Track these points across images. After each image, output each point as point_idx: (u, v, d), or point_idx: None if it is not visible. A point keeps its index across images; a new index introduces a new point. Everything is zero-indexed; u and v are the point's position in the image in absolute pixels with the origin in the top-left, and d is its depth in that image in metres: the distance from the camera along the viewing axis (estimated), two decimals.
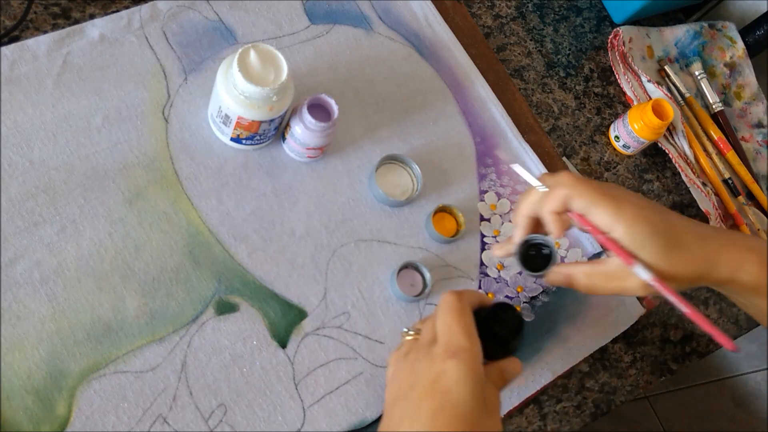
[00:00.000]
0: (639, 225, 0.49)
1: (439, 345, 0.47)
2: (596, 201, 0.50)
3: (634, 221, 0.49)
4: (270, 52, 0.57)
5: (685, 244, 0.50)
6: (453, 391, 0.44)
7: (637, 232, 0.49)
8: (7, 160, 0.56)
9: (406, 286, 0.63)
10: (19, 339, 0.52)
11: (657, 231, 0.49)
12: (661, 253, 0.49)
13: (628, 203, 0.50)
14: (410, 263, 0.63)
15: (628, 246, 0.49)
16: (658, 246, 0.49)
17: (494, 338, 0.49)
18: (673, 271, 0.49)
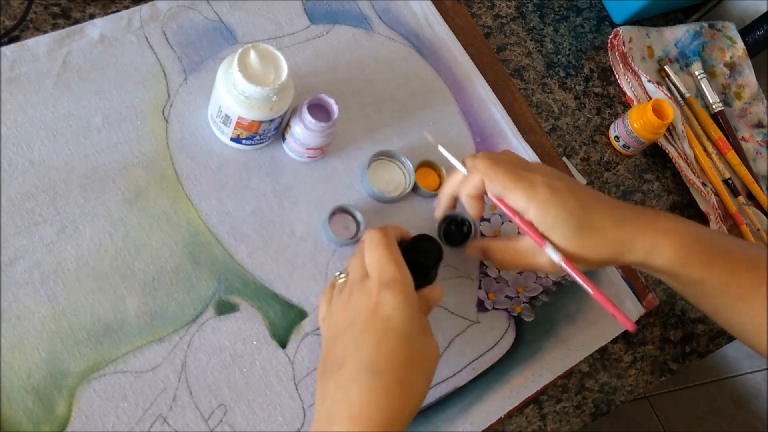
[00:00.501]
0: (552, 207, 0.51)
1: (372, 278, 0.49)
2: (510, 185, 0.52)
3: (547, 204, 0.51)
4: (270, 52, 0.57)
5: (597, 227, 0.52)
6: (393, 318, 0.47)
7: (550, 215, 0.51)
8: (7, 160, 0.56)
9: (339, 230, 0.63)
10: (19, 339, 0.52)
11: (570, 214, 0.51)
12: (572, 236, 0.51)
13: (542, 186, 0.52)
14: (341, 207, 0.64)
15: (540, 227, 0.52)
16: (568, 229, 0.51)
17: (416, 268, 0.52)
18: (583, 253, 0.52)
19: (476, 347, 0.64)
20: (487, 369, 0.64)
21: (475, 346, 0.64)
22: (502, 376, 0.64)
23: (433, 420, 0.60)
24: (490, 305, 0.66)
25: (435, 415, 0.60)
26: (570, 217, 0.51)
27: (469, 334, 0.64)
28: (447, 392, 0.61)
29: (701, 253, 0.52)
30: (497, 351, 0.65)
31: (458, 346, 0.63)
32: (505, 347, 0.65)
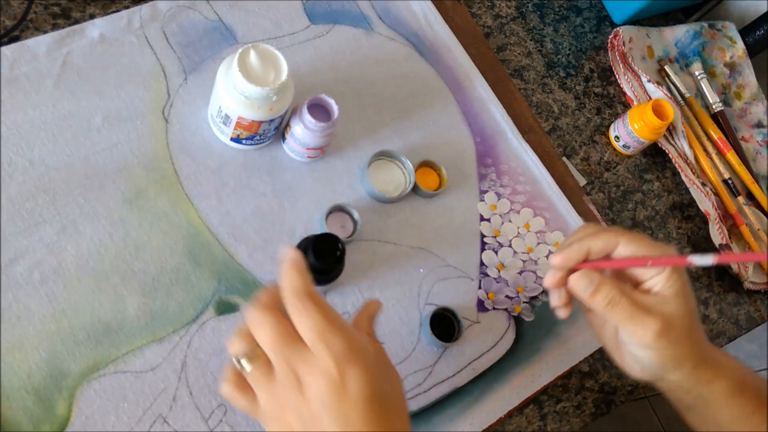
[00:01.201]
0: (688, 296, 0.50)
1: (322, 357, 0.41)
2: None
3: (687, 291, 0.50)
4: (270, 52, 0.57)
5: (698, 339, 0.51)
6: (364, 389, 0.41)
7: (684, 297, 0.49)
8: (7, 160, 0.56)
9: (336, 229, 0.63)
10: (19, 339, 0.52)
11: (693, 314, 0.50)
12: (684, 331, 0.49)
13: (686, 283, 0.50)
14: (338, 205, 0.64)
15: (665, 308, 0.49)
16: (682, 325, 0.49)
17: (317, 269, 0.54)
18: (669, 350, 0.49)
19: (476, 347, 0.64)
20: (487, 369, 0.64)
21: (475, 346, 0.64)
22: (502, 376, 0.64)
23: (433, 420, 0.60)
24: (490, 305, 0.66)
25: (435, 415, 0.60)
26: (692, 298, 0.50)
27: (469, 334, 0.64)
28: (447, 392, 0.61)
29: (753, 385, 0.53)
30: (497, 351, 0.65)
31: (458, 346, 0.63)
32: (505, 347, 0.65)
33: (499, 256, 0.69)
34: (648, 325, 0.48)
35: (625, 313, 0.48)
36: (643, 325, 0.48)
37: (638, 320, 0.48)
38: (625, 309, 0.48)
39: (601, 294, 0.49)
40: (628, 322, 0.48)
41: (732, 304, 0.82)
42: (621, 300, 0.48)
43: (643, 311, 0.48)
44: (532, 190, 0.73)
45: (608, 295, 0.48)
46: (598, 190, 0.80)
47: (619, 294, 0.48)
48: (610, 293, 0.48)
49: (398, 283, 0.64)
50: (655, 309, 0.48)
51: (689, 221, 0.84)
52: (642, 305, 0.48)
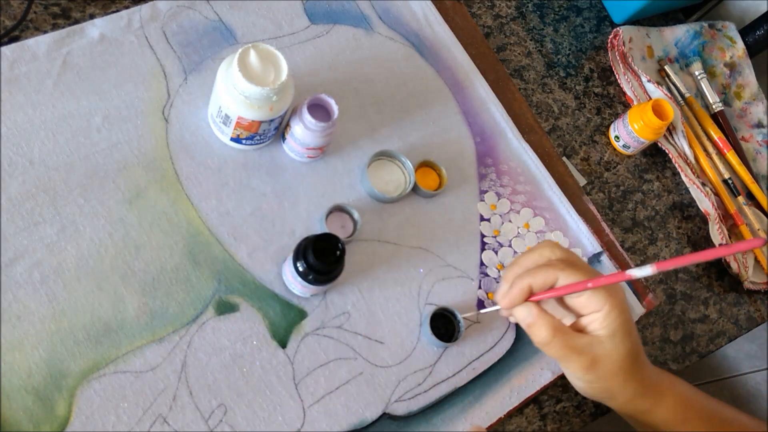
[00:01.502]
0: (621, 318, 0.52)
1: None
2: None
3: (620, 317, 0.52)
4: (270, 52, 0.57)
5: (637, 371, 0.53)
6: None
7: (615, 330, 0.52)
8: (7, 160, 0.56)
9: (336, 229, 0.63)
10: (19, 339, 0.52)
11: (631, 343, 0.52)
12: (617, 362, 0.52)
13: (622, 306, 0.52)
14: (338, 205, 0.64)
15: (600, 329, 0.52)
16: (618, 355, 0.52)
17: (317, 269, 0.54)
18: (604, 381, 0.53)
19: (476, 347, 0.64)
20: (487, 369, 0.64)
21: (475, 346, 0.64)
22: (502, 376, 0.64)
23: (433, 420, 0.60)
24: (490, 305, 0.66)
25: (435, 415, 0.60)
26: (629, 339, 0.52)
27: (469, 334, 0.64)
28: (447, 392, 0.61)
29: (699, 417, 0.55)
30: (497, 351, 0.65)
31: (458, 346, 0.63)
32: (505, 347, 0.65)
33: (499, 256, 0.69)
34: (577, 363, 0.52)
35: (556, 352, 0.52)
36: (572, 363, 0.52)
37: (567, 358, 0.52)
38: (556, 348, 0.52)
39: (535, 329, 0.53)
40: (560, 360, 0.53)
41: (732, 304, 0.82)
42: (553, 340, 0.52)
43: (572, 351, 0.52)
44: (532, 190, 0.73)
45: (540, 333, 0.52)
46: (598, 190, 0.80)
47: (551, 334, 0.52)
48: (542, 332, 0.52)
49: (398, 283, 0.64)
50: (585, 349, 0.52)
51: (689, 221, 0.84)
52: (572, 345, 0.52)
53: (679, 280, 0.80)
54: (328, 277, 0.56)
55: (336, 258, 0.55)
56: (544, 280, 0.52)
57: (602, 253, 0.73)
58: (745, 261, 0.82)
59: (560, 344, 0.52)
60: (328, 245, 0.55)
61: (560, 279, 0.51)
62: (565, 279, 0.51)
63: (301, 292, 0.59)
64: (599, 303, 0.51)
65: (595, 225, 0.75)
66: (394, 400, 0.60)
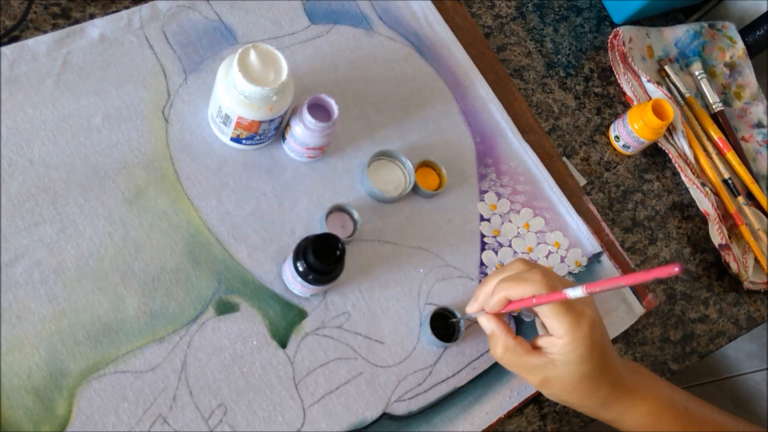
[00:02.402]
0: (581, 347, 0.53)
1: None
2: (557, 308, 0.53)
3: (582, 342, 0.53)
4: (270, 52, 0.57)
5: (601, 386, 0.54)
6: None
7: (575, 351, 0.53)
8: (7, 160, 0.56)
9: (336, 229, 0.63)
10: (19, 339, 0.52)
11: (589, 365, 0.53)
12: (576, 380, 0.53)
13: (588, 323, 0.53)
14: (338, 205, 0.64)
15: (558, 351, 0.53)
16: (578, 373, 0.53)
17: (317, 269, 0.55)
18: (571, 397, 0.55)
19: (476, 347, 0.64)
20: (487, 369, 0.64)
21: (475, 346, 0.64)
22: (502, 376, 0.64)
23: (433, 420, 0.60)
24: None
25: (435, 415, 0.60)
26: (586, 365, 0.53)
27: (469, 334, 0.64)
28: (447, 392, 0.61)
29: (673, 419, 0.56)
30: None
31: (458, 346, 0.63)
32: None
33: (499, 256, 0.69)
34: (529, 380, 0.55)
35: (510, 367, 0.56)
36: (525, 378, 0.55)
37: (519, 374, 0.56)
38: (508, 364, 0.56)
39: (492, 342, 0.56)
40: (516, 373, 0.56)
41: (732, 304, 0.82)
42: (503, 356, 0.55)
43: (522, 370, 0.55)
44: (532, 190, 0.73)
45: (494, 348, 0.56)
46: (598, 190, 0.80)
47: (502, 352, 0.55)
48: (496, 348, 0.55)
49: (398, 283, 0.64)
50: (535, 370, 0.54)
51: (689, 221, 0.84)
52: (524, 365, 0.54)
53: (679, 280, 0.80)
54: (328, 277, 0.56)
55: (336, 258, 0.55)
56: (521, 294, 0.54)
57: (602, 253, 0.73)
58: (745, 261, 0.82)
59: (511, 362, 0.55)
60: (328, 245, 0.55)
61: (512, 294, 0.54)
62: (515, 294, 0.54)
63: (301, 292, 0.59)
64: (561, 331, 0.52)
65: (595, 225, 0.75)
66: (394, 400, 0.60)
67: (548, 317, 0.52)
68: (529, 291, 0.52)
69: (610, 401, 0.55)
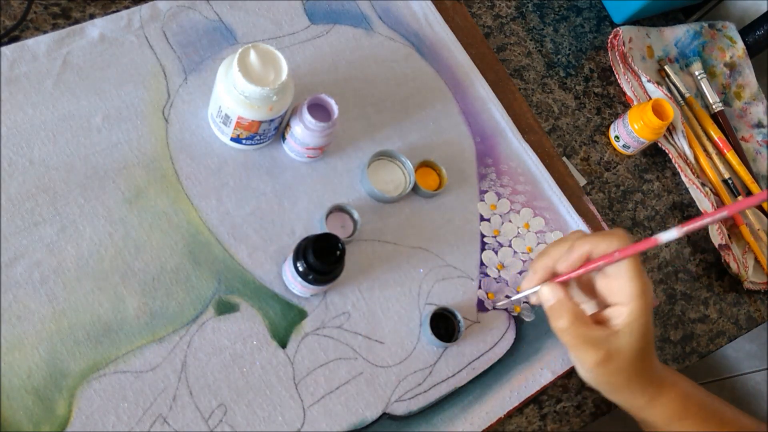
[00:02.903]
0: (643, 319, 0.51)
1: None
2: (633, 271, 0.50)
3: (645, 313, 0.51)
4: (270, 52, 0.57)
5: (646, 367, 0.53)
6: None
7: (637, 322, 0.51)
8: (7, 160, 0.56)
9: (336, 229, 0.63)
10: (19, 339, 0.52)
11: (646, 341, 0.51)
12: (632, 354, 0.51)
13: (649, 298, 0.51)
14: (338, 205, 0.64)
15: (620, 320, 0.51)
16: (635, 348, 0.51)
17: (317, 269, 0.55)
18: (609, 373, 0.52)
19: (476, 347, 0.64)
20: (487, 369, 0.64)
21: (475, 346, 0.64)
22: (502, 376, 0.64)
23: (433, 420, 0.60)
24: (490, 305, 0.66)
25: (435, 415, 0.60)
26: (644, 339, 0.51)
27: (469, 334, 0.64)
28: (447, 392, 0.61)
29: (697, 409, 0.55)
30: (497, 351, 0.65)
31: (458, 346, 0.63)
32: (505, 347, 0.65)
33: (499, 256, 0.69)
34: (588, 356, 0.51)
35: (571, 340, 0.51)
36: (583, 355, 0.51)
37: (579, 349, 0.51)
38: (571, 336, 0.51)
39: (555, 313, 0.51)
40: (572, 349, 0.52)
41: (732, 304, 0.82)
42: (569, 328, 0.51)
43: (586, 343, 0.51)
44: (532, 190, 0.73)
45: (559, 318, 0.51)
46: (598, 190, 0.80)
47: (569, 321, 0.51)
48: (561, 318, 0.51)
49: (398, 283, 0.64)
50: (600, 342, 0.50)
51: None
52: (589, 338, 0.51)
53: (679, 280, 0.80)
54: (328, 277, 0.56)
55: (336, 258, 0.55)
56: (596, 248, 0.51)
57: None
58: (745, 261, 0.82)
59: (576, 334, 0.51)
60: (328, 245, 0.55)
61: (597, 249, 0.51)
62: (600, 249, 0.51)
63: (301, 292, 0.59)
64: (629, 297, 0.50)
65: (595, 225, 0.75)
66: (394, 400, 0.60)
67: (622, 278, 0.50)
68: (616, 245, 0.49)
69: (648, 384, 0.53)
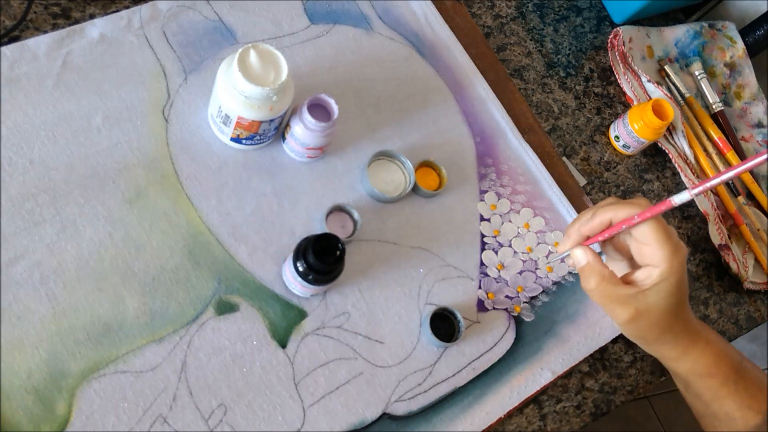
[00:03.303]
0: (675, 276, 0.52)
1: None
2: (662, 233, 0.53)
3: (678, 271, 0.53)
4: (270, 52, 0.57)
5: (680, 321, 0.55)
6: None
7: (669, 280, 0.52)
8: (7, 160, 0.56)
9: (336, 229, 0.63)
10: (19, 339, 0.52)
11: (680, 295, 0.53)
12: (665, 307, 0.53)
13: (683, 256, 0.53)
14: (338, 205, 0.64)
15: (649, 278, 0.53)
16: (667, 303, 0.53)
17: (317, 269, 0.55)
18: (643, 326, 0.54)
19: (476, 347, 0.64)
20: (487, 369, 0.64)
21: (475, 346, 0.64)
22: (502, 376, 0.64)
23: (433, 420, 0.60)
24: (490, 305, 0.66)
25: (435, 415, 0.60)
26: (674, 296, 0.53)
27: (469, 334, 0.64)
28: (447, 392, 0.61)
29: (729, 366, 0.57)
30: (497, 351, 0.65)
31: (458, 346, 0.63)
32: (505, 347, 0.65)
33: (499, 256, 0.69)
34: (618, 313, 0.53)
35: (600, 300, 0.54)
36: (613, 312, 0.54)
37: (608, 307, 0.54)
38: (600, 296, 0.54)
39: (585, 274, 0.54)
40: (603, 307, 0.55)
41: (732, 304, 0.82)
42: (597, 287, 0.54)
43: (614, 301, 0.53)
44: (532, 190, 0.73)
45: (588, 279, 0.54)
46: (598, 190, 0.80)
47: (597, 281, 0.54)
48: (590, 279, 0.54)
49: (398, 283, 0.64)
50: (627, 301, 0.53)
51: (689, 221, 0.84)
52: (617, 296, 0.53)
53: None
54: (328, 277, 0.56)
55: (336, 258, 0.55)
56: (627, 214, 0.54)
57: (602, 253, 0.72)
58: (745, 261, 0.82)
59: (604, 293, 0.54)
60: (328, 245, 0.55)
61: (618, 215, 0.54)
62: (620, 215, 0.53)
63: (301, 292, 0.59)
64: (658, 260, 0.52)
65: None
66: (394, 400, 0.60)
67: (649, 243, 0.52)
68: (636, 210, 0.52)
69: (681, 338, 0.55)
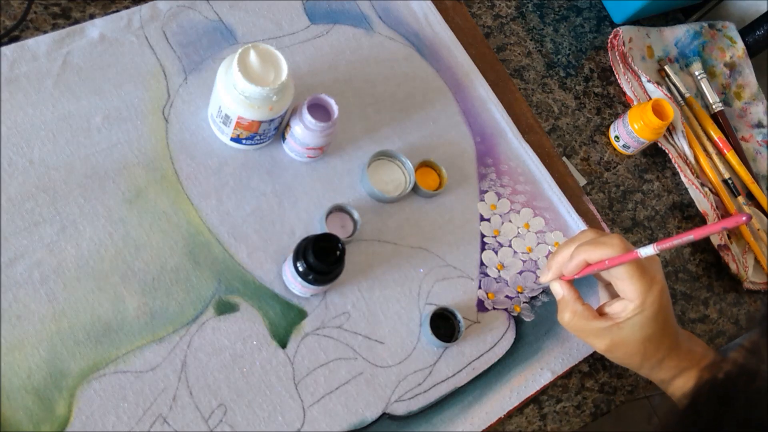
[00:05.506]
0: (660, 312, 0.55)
1: None
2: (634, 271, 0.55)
3: (657, 310, 0.55)
4: (270, 52, 0.57)
5: (663, 351, 0.57)
6: None
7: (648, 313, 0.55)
8: (7, 160, 0.56)
9: (336, 229, 0.63)
10: (19, 339, 0.52)
11: (662, 333, 0.56)
12: (640, 344, 0.56)
13: (660, 291, 0.55)
14: (338, 205, 0.64)
15: (626, 312, 0.56)
16: (642, 336, 0.56)
17: (317, 269, 0.55)
18: (630, 355, 0.57)
19: (476, 347, 0.64)
20: (487, 369, 0.64)
21: (475, 346, 0.64)
22: (502, 376, 0.64)
23: (433, 420, 0.60)
24: (490, 305, 0.66)
25: (435, 415, 0.60)
26: (650, 327, 0.55)
27: (469, 334, 0.64)
28: (447, 392, 0.61)
29: None
30: (497, 351, 0.65)
31: (458, 346, 0.63)
32: (505, 347, 0.65)
33: (499, 256, 0.69)
34: (594, 343, 0.57)
35: (576, 332, 0.58)
36: (590, 342, 0.58)
37: (586, 339, 0.58)
38: (573, 329, 0.58)
39: (560, 307, 0.58)
40: (579, 337, 0.59)
41: (732, 304, 0.82)
42: (570, 322, 0.57)
43: (590, 335, 0.57)
44: (532, 190, 0.73)
45: (562, 313, 0.58)
46: (598, 190, 0.80)
47: (570, 317, 0.57)
48: (564, 313, 0.58)
49: (398, 283, 0.64)
50: (604, 333, 0.56)
51: (689, 221, 0.84)
52: (591, 330, 0.57)
53: (679, 280, 0.80)
54: (328, 277, 0.56)
55: (336, 258, 0.55)
56: (590, 256, 0.56)
57: None
58: (745, 261, 0.82)
59: (577, 327, 0.57)
60: (328, 245, 0.55)
61: (591, 257, 0.56)
62: (594, 257, 0.56)
63: (301, 292, 0.59)
64: (634, 293, 0.54)
65: (595, 225, 0.75)
66: (394, 400, 0.60)
67: (623, 280, 0.54)
68: (608, 254, 0.54)
69: (665, 362, 0.57)
